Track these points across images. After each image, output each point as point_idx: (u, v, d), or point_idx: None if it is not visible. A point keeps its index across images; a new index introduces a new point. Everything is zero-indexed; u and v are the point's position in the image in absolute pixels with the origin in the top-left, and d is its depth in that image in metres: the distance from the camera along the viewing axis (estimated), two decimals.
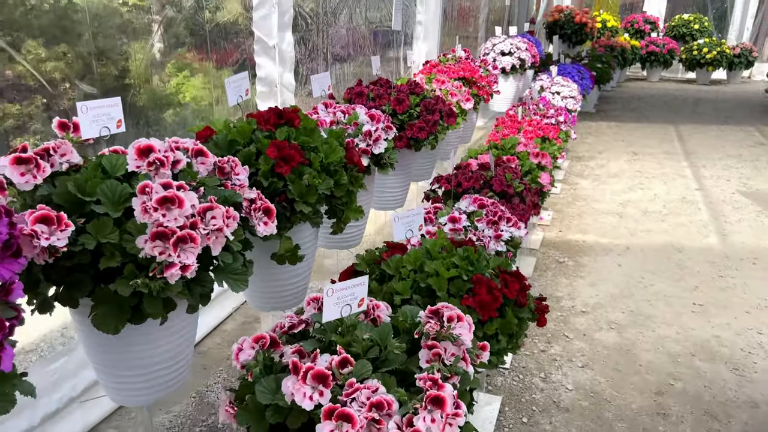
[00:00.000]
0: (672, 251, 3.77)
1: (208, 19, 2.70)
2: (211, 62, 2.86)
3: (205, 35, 2.70)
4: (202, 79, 2.88)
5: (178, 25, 2.61)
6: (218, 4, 2.80)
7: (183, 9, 2.58)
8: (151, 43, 2.47)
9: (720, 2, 11.29)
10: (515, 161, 2.70)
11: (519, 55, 4.50)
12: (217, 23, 2.76)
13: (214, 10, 2.77)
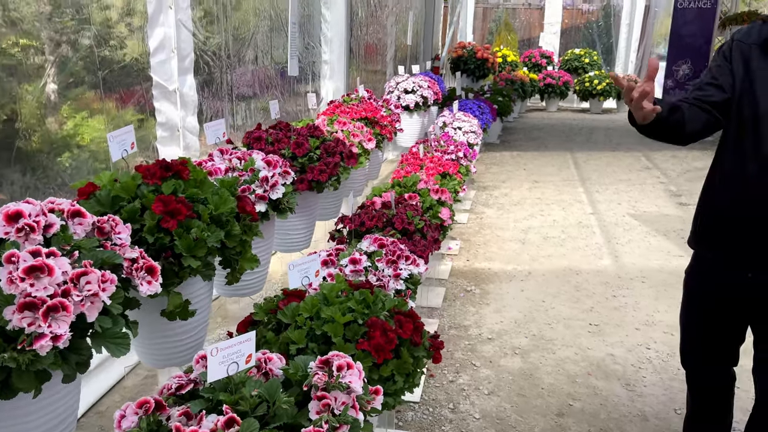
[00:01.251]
0: (570, 274, 3.99)
1: (108, 58, 2.63)
2: (111, 102, 2.78)
3: (106, 75, 2.62)
4: (101, 120, 2.79)
5: (75, 65, 2.52)
6: (119, 44, 2.74)
7: (80, 48, 2.50)
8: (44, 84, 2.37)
9: (606, 38, 12.28)
10: (416, 198, 2.79)
11: (421, 93, 4.68)
12: (118, 62, 2.69)
13: (114, 49, 2.71)
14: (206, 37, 3.32)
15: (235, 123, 3.73)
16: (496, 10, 12.84)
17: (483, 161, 7.34)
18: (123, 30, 2.76)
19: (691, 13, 8.91)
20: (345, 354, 1.39)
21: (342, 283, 1.76)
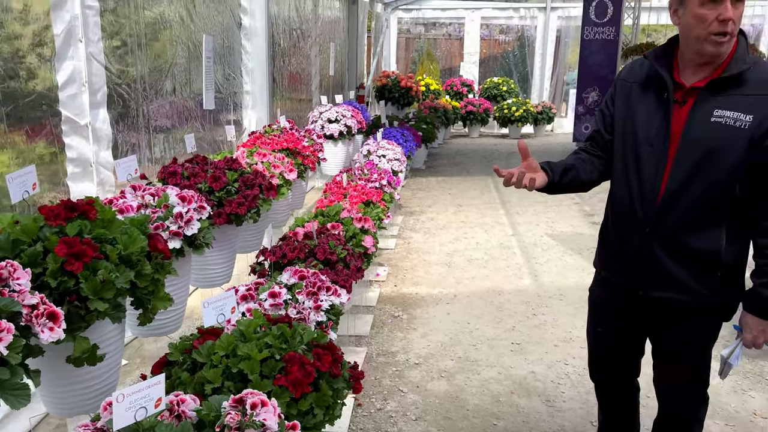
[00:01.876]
0: (493, 295, 4.12)
1: (14, 92, 2.52)
2: (21, 136, 2.66)
3: (10, 110, 2.51)
4: (9, 155, 2.66)
5: None
6: (29, 75, 2.63)
7: None
8: None
9: (522, 67, 12.91)
10: (339, 227, 2.82)
11: (345, 122, 4.75)
12: (25, 96, 2.58)
13: (22, 81, 2.60)
14: (121, 69, 3.25)
15: (153, 156, 3.65)
16: (418, 40, 13.25)
17: (410, 187, 7.49)
18: (33, 60, 2.67)
19: (597, 44, 9.56)
20: (260, 391, 1.39)
21: (260, 319, 1.75)
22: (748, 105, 1.60)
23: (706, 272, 1.71)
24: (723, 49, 1.62)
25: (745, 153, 1.59)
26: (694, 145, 1.65)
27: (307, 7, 6.69)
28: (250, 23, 4.71)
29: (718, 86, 1.64)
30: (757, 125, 1.58)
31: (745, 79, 1.62)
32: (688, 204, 1.68)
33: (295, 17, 6.33)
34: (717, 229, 1.68)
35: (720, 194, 1.65)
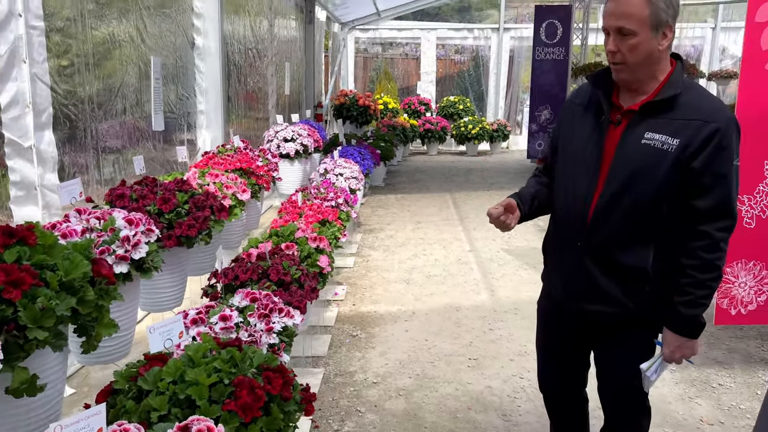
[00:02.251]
0: (451, 311, 4.16)
1: None
2: None
3: None
4: None
5: None
6: None
7: None
8: None
9: (478, 86, 13.19)
10: (294, 248, 2.81)
11: (301, 141, 4.75)
12: None
13: None
14: (68, 90, 3.18)
15: (102, 178, 3.56)
16: (375, 59, 13.40)
17: (369, 204, 7.52)
18: None
19: (548, 64, 9.86)
20: (209, 417, 1.36)
21: (210, 342, 1.73)
22: (675, 129, 1.65)
23: (635, 287, 1.76)
24: (622, 76, 1.71)
25: (670, 175, 1.65)
26: (623, 165, 1.71)
27: (262, 26, 6.70)
28: (204, 43, 4.69)
29: (650, 110, 1.70)
30: (683, 149, 1.64)
31: (675, 104, 1.67)
32: (616, 221, 1.74)
33: (250, 37, 6.32)
34: (645, 246, 1.73)
35: (647, 213, 1.70)
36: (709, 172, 1.64)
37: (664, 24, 1.63)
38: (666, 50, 1.69)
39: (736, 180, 1.69)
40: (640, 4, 1.61)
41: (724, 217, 1.67)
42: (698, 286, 1.68)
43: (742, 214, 3.09)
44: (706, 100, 1.69)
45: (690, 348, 1.76)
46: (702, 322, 1.73)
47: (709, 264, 1.67)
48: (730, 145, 1.64)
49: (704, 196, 1.65)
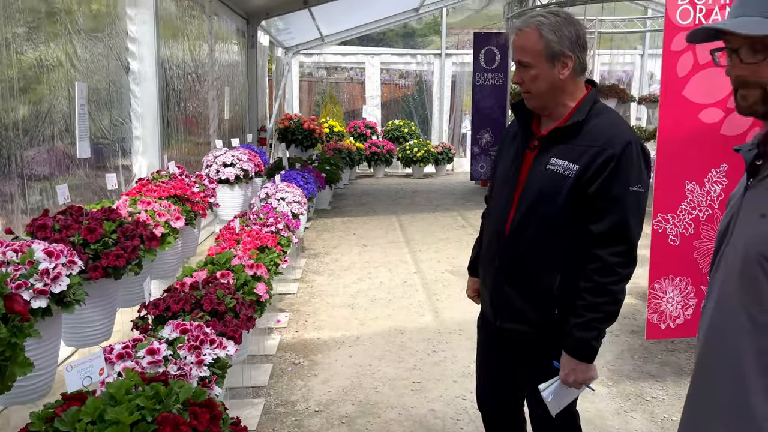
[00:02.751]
0: (396, 334, 4.15)
1: None
2: None
3: None
4: None
5: None
6: None
7: None
8: None
9: (422, 110, 13.42)
10: (230, 276, 2.75)
11: (241, 165, 4.69)
12: None
13: None
14: None
15: (28, 207, 3.40)
16: (320, 83, 13.45)
17: (314, 228, 7.47)
18: None
19: (487, 89, 10.15)
20: None
21: (134, 378, 1.65)
22: (577, 155, 1.72)
23: (545, 308, 1.82)
24: (531, 104, 1.82)
25: (569, 200, 1.72)
26: (531, 189, 1.79)
27: (203, 51, 6.63)
28: (139, 67, 4.59)
29: (557, 136, 1.77)
30: (581, 174, 1.70)
31: (581, 130, 1.74)
32: (525, 243, 1.81)
33: (190, 61, 6.24)
34: (552, 268, 1.78)
35: (552, 237, 1.76)
36: (604, 197, 1.68)
37: (560, 55, 1.71)
38: (570, 78, 1.76)
39: (637, 205, 1.70)
40: (533, 38, 1.71)
41: (618, 243, 1.69)
42: (591, 309, 1.71)
43: (667, 232, 3.23)
44: (609, 127, 1.73)
45: (583, 372, 1.75)
46: (594, 346, 1.73)
47: (602, 287, 1.69)
48: (626, 171, 1.68)
49: (599, 220, 1.70)
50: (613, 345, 3.92)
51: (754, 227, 1.11)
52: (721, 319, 1.18)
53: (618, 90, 10.28)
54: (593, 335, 1.72)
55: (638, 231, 1.73)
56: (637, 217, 1.71)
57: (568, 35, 1.71)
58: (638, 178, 1.69)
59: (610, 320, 1.74)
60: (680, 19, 2.92)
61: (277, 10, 8.52)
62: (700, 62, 2.86)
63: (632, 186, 1.68)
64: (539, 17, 1.73)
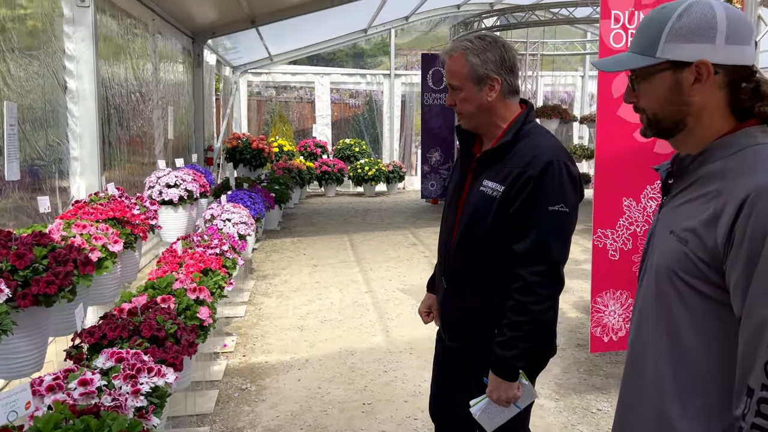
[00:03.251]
0: (346, 356, 4.10)
1: None
2: None
3: None
4: None
5: None
6: None
7: None
8: None
9: (373, 129, 13.52)
10: (171, 300, 2.66)
11: (186, 186, 4.58)
12: None
13: None
14: None
15: None
16: (269, 103, 13.37)
17: (263, 249, 7.35)
18: None
19: (436, 109, 10.32)
20: None
21: (64, 411, 1.57)
22: (504, 176, 1.75)
23: (486, 326, 1.82)
24: (465, 125, 1.88)
25: (496, 220, 1.75)
26: (467, 210, 1.84)
27: (147, 69, 6.49)
28: (78, 86, 4.45)
29: (489, 157, 1.82)
30: (505, 195, 1.74)
31: (510, 151, 1.78)
32: (464, 262, 1.86)
33: (133, 80, 6.09)
34: (490, 287, 1.81)
35: (487, 257, 1.80)
36: (524, 217, 1.71)
37: (486, 77, 1.76)
38: (499, 100, 1.80)
39: (559, 224, 1.71)
40: (460, 62, 1.77)
41: (539, 262, 1.70)
42: (512, 327, 1.71)
43: (607, 247, 3.33)
44: (532, 148, 1.75)
45: (505, 390, 1.75)
46: (514, 365, 1.73)
47: (523, 306, 1.70)
48: (547, 191, 1.69)
49: (521, 240, 1.72)
50: (560, 359, 3.99)
51: (665, 244, 1.15)
52: (640, 334, 1.22)
53: (560, 110, 10.63)
54: (514, 354, 1.72)
55: (560, 250, 1.73)
56: (558, 236, 1.72)
57: (493, 58, 1.75)
58: (559, 198, 1.70)
59: (533, 340, 1.73)
60: (613, 42, 3.05)
61: (223, 29, 8.45)
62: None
63: (552, 206, 1.69)
64: (465, 42, 1.78)
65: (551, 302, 1.74)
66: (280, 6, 8.20)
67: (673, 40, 1.11)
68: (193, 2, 7.29)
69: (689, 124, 1.15)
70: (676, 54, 1.11)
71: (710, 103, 1.13)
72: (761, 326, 0.99)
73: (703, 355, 1.10)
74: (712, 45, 1.09)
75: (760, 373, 0.98)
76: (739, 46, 1.10)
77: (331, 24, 10.53)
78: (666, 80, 1.14)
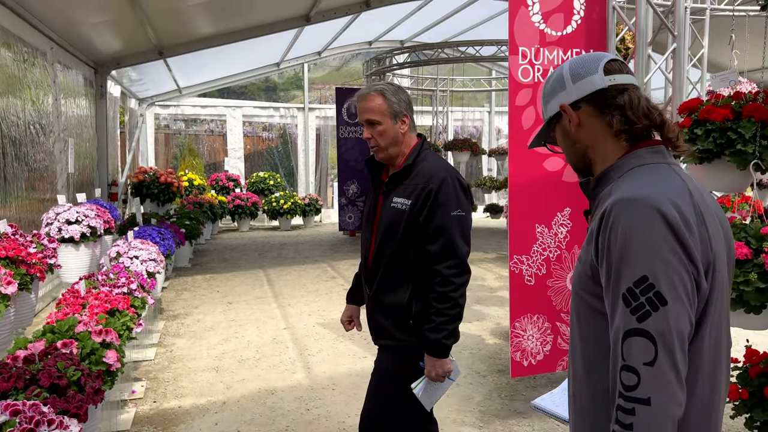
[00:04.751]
0: (266, 395, 3.93)
1: None
2: None
3: None
4: None
5: None
6: None
7: None
8: None
9: (288, 162, 13.40)
10: (74, 344, 2.44)
11: (88, 222, 4.28)
12: None
13: None
14: None
15: None
16: (178, 136, 12.94)
17: (174, 287, 6.99)
18: None
19: (351, 142, 10.40)
20: None
21: None
22: (410, 192, 2.14)
23: (402, 322, 2.18)
24: (380, 156, 2.21)
25: (407, 228, 2.12)
26: (383, 223, 2.20)
27: (46, 101, 6.09)
28: None
29: (396, 178, 2.20)
30: (412, 207, 2.12)
31: (411, 172, 2.17)
32: (382, 270, 2.20)
33: (31, 111, 5.69)
34: (403, 286, 2.16)
35: (400, 261, 2.15)
36: (432, 223, 2.09)
37: (400, 114, 2.17)
38: (407, 133, 2.20)
39: (460, 226, 2.09)
40: (379, 101, 2.15)
41: (450, 258, 2.08)
42: (438, 314, 2.08)
43: (523, 272, 3.44)
44: (429, 168, 2.15)
45: (441, 366, 2.10)
46: (445, 344, 2.08)
47: (444, 295, 2.07)
48: (446, 201, 2.09)
49: (432, 242, 2.09)
50: (482, 386, 4.04)
51: (576, 268, 1.27)
52: (570, 354, 1.32)
53: (471, 144, 11.05)
54: (443, 335, 2.08)
55: (464, 246, 2.11)
56: (461, 235, 2.10)
57: (404, 99, 2.18)
58: (456, 205, 2.10)
59: (455, 321, 2.10)
60: (522, 77, 3.21)
61: (129, 60, 8.14)
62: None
63: (452, 212, 2.09)
64: (381, 85, 2.18)
65: (464, 289, 2.12)
66: (189, 37, 8.02)
67: (546, 102, 1.36)
68: (95, 31, 6.97)
69: (592, 157, 1.30)
70: (550, 110, 1.34)
71: (597, 135, 1.27)
72: (617, 333, 1.08)
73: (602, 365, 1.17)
74: (564, 91, 1.30)
75: (615, 382, 1.09)
76: (585, 78, 1.27)
77: (243, 57, 10.44)
78: (559, 133, 1.35)
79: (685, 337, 1.05)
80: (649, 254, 1.04)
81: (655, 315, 1.03)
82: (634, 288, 1.04)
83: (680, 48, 2.94)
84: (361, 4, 8.29)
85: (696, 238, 1.07)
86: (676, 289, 1.04)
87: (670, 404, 1.02)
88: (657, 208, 1.06)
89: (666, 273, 1.03)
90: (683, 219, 1.07)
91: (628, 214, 1.08)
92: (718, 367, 1.15)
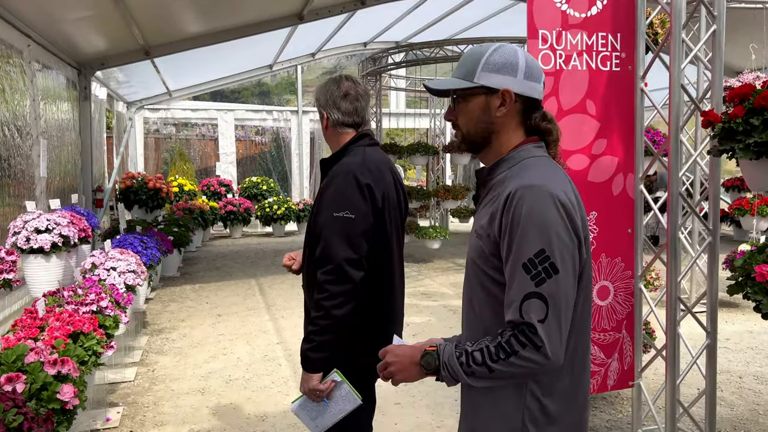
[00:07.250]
0: (256, 422, 3.55)
1: None
2: None
3: None
4: None
5: None
6: None
7: None
8: None
9: (281, 166, 13.03)
10: (21, 379, 2.05)
11: (60, 231, 3.90)
12: None
13: None
14: None
15: None
16: (168, 140, 12.56)
17: (160, 299, 6.60)
18: None
19: None
20: None
21: None
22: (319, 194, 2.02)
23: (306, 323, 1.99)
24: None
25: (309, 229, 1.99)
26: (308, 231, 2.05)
27: (23, 102, 5.70)
28: None
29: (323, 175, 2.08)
30: (312, 207, 2.03)
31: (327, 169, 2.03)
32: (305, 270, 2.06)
33: (5, 112, 5.30)
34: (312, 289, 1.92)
35: (307, 263, 1.99)
36: (318, 224, 1.90)
37: (319, 110, 2.05)
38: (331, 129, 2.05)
39: (344, 228, 1.84)
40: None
41: (326, 263, 1.84)
42: (311, 322, 1.86)
43: None
44: (338, 165, 1.94)
45: (306, 382, 1.88)
46: (309, 356, 1.85)
47: (317, 303, 1.84)
48: (332, 201, 1.87)
49: (317, 245, 1.89)
50: None
51: (471, 240, 1.42)
52: (464, 306, 1.47)
53: None
54: (310, 346, 1.85)
55: (346, 250, 1.83)
56: (342, 238, 1.83)
57: (324, 96, 2.01)
58: (344, 205, 1.85)
59: (326, 333, 1.82)
60: (542, 64, 2.85)
61: (113, 60, 7.75)
62: (564, 108, 2.78)
63: (336, 212, 1.85)
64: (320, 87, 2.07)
65: (343, 299, 1.82)
66: (176, 36, 7.65)
67: (486, 70, 1.37)
68: (77, 29, 6.59)
69: (492, 140, 1.41)
70: (488, 81, 1.36)
71: (510, 125, 1.39)
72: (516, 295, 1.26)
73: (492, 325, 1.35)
74: (514, 78, 1.35)
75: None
76: (533, 82, 1.37)
77: (234, 59, 10.07)
78: (479, 103, 1.39)
79: (570, 299, 1.28)
80: (546, 231, 1.24)
81: (549, 281, 1.24)
82: (534, 258, 1.24)
83: (720, 30, 2.60)
84: (355, 2, 7.93)
85: (578, 219, 1.31)
86: (566, 262, 1.26)
87: (548, 354, 1.23)
88: (553, 193, 1.27)
89: (559, 248, 1.25)
90: (571, 203, 1.29)
91: (529, 198, 1.26)
92: (587, 307, 1.40)
